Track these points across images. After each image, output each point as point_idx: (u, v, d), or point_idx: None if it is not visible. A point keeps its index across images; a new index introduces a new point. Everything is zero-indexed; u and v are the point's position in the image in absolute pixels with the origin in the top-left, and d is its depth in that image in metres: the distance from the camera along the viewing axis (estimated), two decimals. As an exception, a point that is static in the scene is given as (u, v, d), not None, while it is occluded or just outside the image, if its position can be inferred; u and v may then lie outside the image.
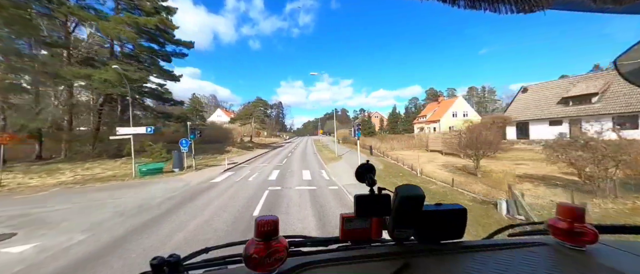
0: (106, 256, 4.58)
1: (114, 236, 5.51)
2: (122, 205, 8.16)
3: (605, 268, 0.70)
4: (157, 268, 0.69)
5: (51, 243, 5.16)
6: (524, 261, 0.75)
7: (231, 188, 10.69)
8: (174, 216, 6.92)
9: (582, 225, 0.79)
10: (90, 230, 5.85)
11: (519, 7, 0.60)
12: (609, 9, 0.57)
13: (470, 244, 0.89)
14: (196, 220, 6.58)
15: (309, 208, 7.55)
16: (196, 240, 5.24)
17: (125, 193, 10.08)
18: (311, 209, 7.48)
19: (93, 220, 6.67)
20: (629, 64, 0.68)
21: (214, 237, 5.42)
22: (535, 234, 1.00)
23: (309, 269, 0.72)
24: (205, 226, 6.11)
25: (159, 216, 6.93)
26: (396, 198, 0.81)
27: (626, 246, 0.83)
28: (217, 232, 5.70)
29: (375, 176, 0.90)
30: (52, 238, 5.45)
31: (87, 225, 6.26)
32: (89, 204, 8.44)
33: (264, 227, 0.67)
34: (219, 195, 9.41)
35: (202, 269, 0.80)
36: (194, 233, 5.67)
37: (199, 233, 5.67)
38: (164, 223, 6.36)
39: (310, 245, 0.93)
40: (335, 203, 8.15)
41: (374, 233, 0.91)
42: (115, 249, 4.83)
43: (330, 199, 8.72)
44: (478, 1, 0.61)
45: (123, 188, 11.24)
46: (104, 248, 4.93)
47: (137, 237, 5.44)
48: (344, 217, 0.89)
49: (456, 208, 0.88)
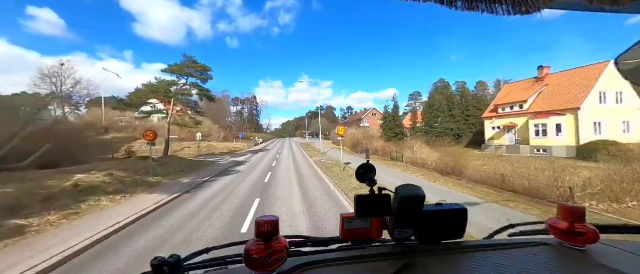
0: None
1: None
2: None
3: (605, 268, 0.69)
4: (157, 268, 0.69)
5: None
6: (525, 261, 0.75)
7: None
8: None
9: (582, 225, 0.79)
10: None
11: (516, 9, 0.61)
12: (606, 8, 0.57)
13: (471, 244, 0.90)
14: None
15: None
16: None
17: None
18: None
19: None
20: (629, 64, 0.69)
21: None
22: (535, 234, 1.00)
23: (309, 269, 0.71)
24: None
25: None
26: (396, 198, 0.81)
27: (626, 246, 0.83)
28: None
29: (375, 175, 0.89)
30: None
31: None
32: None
33: (264, 227, 0.67)
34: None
35: (202, 269, 0.80)
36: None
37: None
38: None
39: (310, 245, 0.93)
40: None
41: (374, 233, 0.91)
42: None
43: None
44: (476, 3, 0.61)
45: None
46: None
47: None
48: (344, 217, 0.89)
49: (456, 208, 0.88)
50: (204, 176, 13.68)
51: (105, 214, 7.14)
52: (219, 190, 10.58)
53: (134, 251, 5.05)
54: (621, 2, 0.55)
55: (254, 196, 9.26)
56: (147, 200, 8.68)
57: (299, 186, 11.07)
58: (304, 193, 9.72)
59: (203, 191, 10.28)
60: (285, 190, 10.18)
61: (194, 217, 7.05)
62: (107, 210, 7.54)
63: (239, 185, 11.54)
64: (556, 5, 0.62)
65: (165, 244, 5.36)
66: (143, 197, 9.15)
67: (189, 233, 5.91)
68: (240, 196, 9.37)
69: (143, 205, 7.98)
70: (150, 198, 8.87)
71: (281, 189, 10.41)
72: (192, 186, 11.06)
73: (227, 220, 6.80)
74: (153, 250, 5.10)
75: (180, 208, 7.93)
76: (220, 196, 9.44)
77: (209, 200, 8.83)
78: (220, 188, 10.96)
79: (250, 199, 8.85)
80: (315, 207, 7.78)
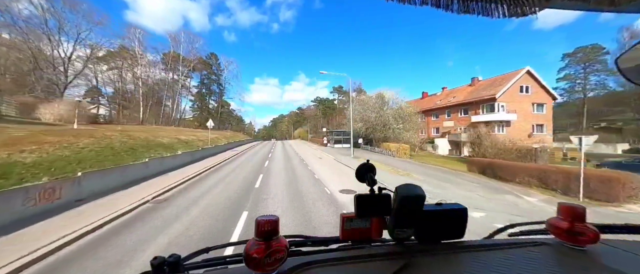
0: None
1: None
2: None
3: (606, 268, 0.69)
4: (157, 267, 0.68)
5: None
6: (525, 261, 0.75)
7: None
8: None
9: (582, 225, 0.79)
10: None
11: (511, 11, 0.61)
12: (604, 8, 0.57)
13: (471, 244, 0.90)
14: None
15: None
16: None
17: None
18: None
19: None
20: (629, 64, 0.69)
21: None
22: (535, 234, 1.01)
23: (309, 269, 0.71)
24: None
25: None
26: (396, 197, 0.81)
27: (627, 246, 0.83)
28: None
29: (375, 175, 0.88)
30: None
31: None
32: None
33: (264, 227, 0.66)
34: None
35: (202, 269, 0.80)
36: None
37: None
38: None
39: (310, 245, 0.93)
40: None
41: (374, 233, 0.91)
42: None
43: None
44: (471, 5, 0.62)
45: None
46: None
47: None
48: (345, 217, 0.88)
49: (456, 208, 0.88)
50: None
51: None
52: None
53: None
54: (620, 2, 0.55)
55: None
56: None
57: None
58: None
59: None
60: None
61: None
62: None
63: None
64: (555, 5, 0.62)
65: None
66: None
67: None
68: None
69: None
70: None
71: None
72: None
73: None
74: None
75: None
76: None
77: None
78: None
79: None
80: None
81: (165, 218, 6.69)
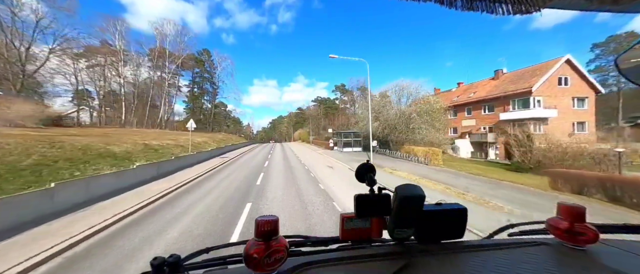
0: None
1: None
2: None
3: (606, 268, 0.69)
4: (157, 268, 0.68)
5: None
6: (525, 261, 0.74)
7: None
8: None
9: (582, 225, 0.78)
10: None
11: (515, 9, 0.60)
12: (606, 8, 0.58)
13: (471, 244, 0.89)
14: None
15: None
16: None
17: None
18: None
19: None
20: (629, 63, 0.69)
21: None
22: (535, 234, 0.99)
23: (308, 269, 0.72)
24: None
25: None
26: (396, 197, 0.80)
27: (627, 246, 0.82)
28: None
29: (375, 175, 0.88)
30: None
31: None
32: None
33: (264, 227, 0.66)
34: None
35: (202, 269, 0.80)
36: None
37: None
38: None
39: (310, 245, 0.93)
40: None
41: (374, 233, 0.90)
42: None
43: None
44: (475, 2, 0.61)
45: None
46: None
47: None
48: (344, 217, 0.89)
49: (456, 208, 0.88)
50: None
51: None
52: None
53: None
54: (621, 2, 0.55)
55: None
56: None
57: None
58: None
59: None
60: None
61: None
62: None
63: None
64: (556, 5, 0.62)
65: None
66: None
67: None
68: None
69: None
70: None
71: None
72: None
73: None
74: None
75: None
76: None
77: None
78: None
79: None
80: None
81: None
